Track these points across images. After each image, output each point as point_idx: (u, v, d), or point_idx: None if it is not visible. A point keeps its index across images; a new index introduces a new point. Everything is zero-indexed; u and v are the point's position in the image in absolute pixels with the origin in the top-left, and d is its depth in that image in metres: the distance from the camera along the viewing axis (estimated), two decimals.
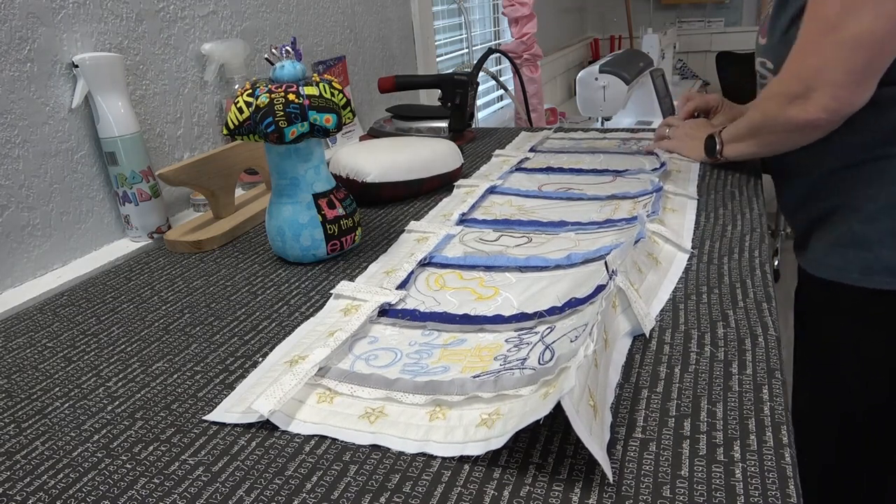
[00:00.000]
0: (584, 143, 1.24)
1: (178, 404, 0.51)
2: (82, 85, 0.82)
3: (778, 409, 0.45)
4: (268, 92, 0.67)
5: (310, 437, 0.46)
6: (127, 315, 0.68)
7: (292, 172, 0.73)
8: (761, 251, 0.70)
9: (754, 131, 0.87)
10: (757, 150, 0.89)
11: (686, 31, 3.65)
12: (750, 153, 0.91)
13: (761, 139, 0.87)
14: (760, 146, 0.88)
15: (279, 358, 0.56)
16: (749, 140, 0.90)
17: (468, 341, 0.57)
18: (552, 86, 2.92)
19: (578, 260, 0.70)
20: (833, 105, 0.74)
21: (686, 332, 0.55)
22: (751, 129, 0.88)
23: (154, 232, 0.89)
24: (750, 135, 0.89)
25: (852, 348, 0.87)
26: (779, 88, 0.80)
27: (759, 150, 0.89)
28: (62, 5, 0.80)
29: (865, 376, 0.87)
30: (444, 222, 0.85)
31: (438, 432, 0.45)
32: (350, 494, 0.40)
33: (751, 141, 0.89)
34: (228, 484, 0.42)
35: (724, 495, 0.38)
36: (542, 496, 0.39)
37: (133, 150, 0.85)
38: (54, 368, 0.58)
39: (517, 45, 2.10)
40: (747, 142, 0.90)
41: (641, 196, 0.89)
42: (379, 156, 0.95)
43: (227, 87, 1.07)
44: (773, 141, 0.85)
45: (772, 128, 0.83)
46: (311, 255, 0.75)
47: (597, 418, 0.41)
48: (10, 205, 0.76)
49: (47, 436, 0.49)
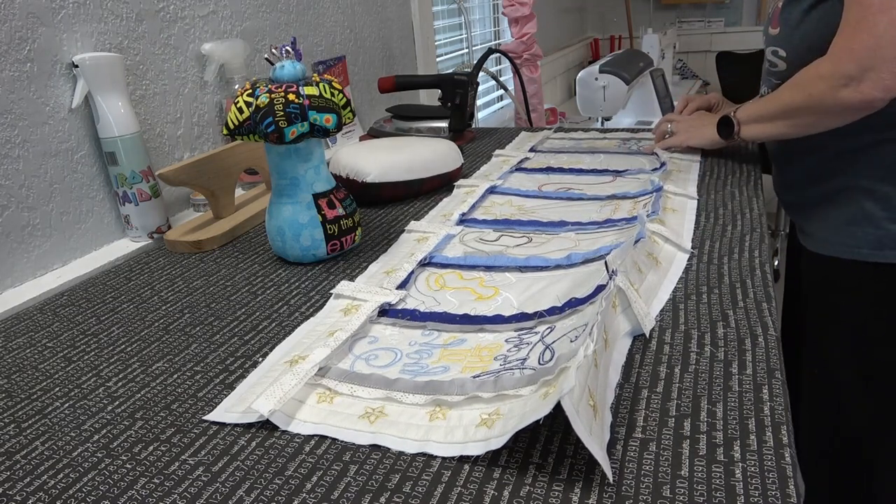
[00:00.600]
0: (584, 143, 1.24)
1: (178, 404, 0.51)
2: (82, 85, 0.82)
3: (778, 409, 0.45)
4: (268, 92, 0.67)
5: (310, 437, 0.46)
6: (127, 315, 0.68)
7: (292, 172, 0.73)
8: (761, 251, 0.70)
9: (790, 113, 0.86)
10: (787, 132, 0.88)
11: (686, 31, 3.65)
12: (777, 134, 0.90)
13: (798, 120, 0.86)
14: (793, 127, 0.87)
15: (279, 358, 0.56)
16: (780, 121, 0.88)
17: (468, 341, 0.57)
18: (552, 86, 2.92)
19: (578, 260, 0.70)
20: (890, 83, 0.74)
21: (686, 332, 0.55)
22: (785, 111, 0.87)
23: (154, 232, 0.89)
24: (782, 116, 0.88)
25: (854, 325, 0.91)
26: (830, 70, 0.79)
27: (790, 131, 0.88)
28: (62, 5, 0.80)
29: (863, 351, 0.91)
30: (444, 222, 0.85)
31: (438, 432, 0.45)
32: (350, 494, 0.40)
33: (782, 122, 0.88)
34: (228, 484, 0.42)
35: (724, 495, 0.38)
36: (542, 496, 0.39)
37: (133, 150, 0.85)
38: (54, 368, 0.58)
39: (517, 45, 2.10)
40: (776, 123, 0.89)
41: (641, 196, 0.89)
42: (379, 156, 0.95)
43: (227, 87, 1.07)
44: (812, 122, 0.85)
45: (816, 109, 0.82)
46: (311, 255, 0.75)
47: (597, 418, 0.41)
48: (10, 205, 0.76)
49: (47, 436, 0.49)
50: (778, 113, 0.89)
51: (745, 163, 1.01)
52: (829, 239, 0.90)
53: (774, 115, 0.89)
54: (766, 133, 0.92)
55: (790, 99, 0.86)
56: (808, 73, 0.82)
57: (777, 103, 0.88)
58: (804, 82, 0.83)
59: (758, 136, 0.94)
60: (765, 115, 0.91)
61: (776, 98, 0.88)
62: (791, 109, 0.86)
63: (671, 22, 3.65)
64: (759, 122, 0.92)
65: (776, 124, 0.90)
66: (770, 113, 0.90)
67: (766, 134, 0.92)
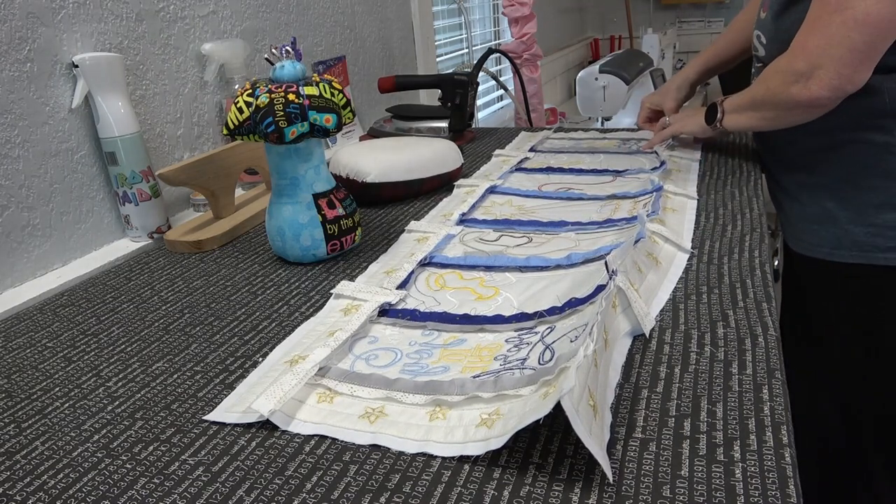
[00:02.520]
0: (584, 143, 1.24)
1: (178, 404, 0.51)
2: (82, 85, 0.82)
3: (778, 409, 0.45)
4: (268, 92, 0.67)
5: (310, 437, 0.46)
6: (127, 315, 0.68)
7: (292, 172, 0.73)
8: (761, 251, 0.70)
9: (756, 105, 0.88)
10: (756, 124, 0.90)
11: (686, 31, 3.64)
12: (749, 126, 0.92)
13: (762, 114, 0.88)
14: (760, 120, 0.89)
15: (279, 358, 0.56)
16: (750, 113, 0.90)
17: (468, 341, 0.57)
18: (552, 86, 2.92)
19: (578, 260, 0.70)
20: (836, 83, 0.76)
21: (686, 332, 0.55)
22: (753, 103, 0.89)
23: (154, 232, 0.89)
24: (752, 108, 0.90)
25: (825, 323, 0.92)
26: (785, 65, 0.81)
27: (759, 123, 0.90)
28: (62, 5, 0.80)
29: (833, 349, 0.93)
30: (445, 222, 0.85)
31: (438, 432, 0.45)
32: (350, 494, 0.40)
33: (751, 114, 0.90)
34: (228, 484, 0.42)
35: (724, 495, 0.38)
36: (542, 496, 0.39)
37: (133, 150, 0.85)
38: (54, 368, 0.58)
39: (517, 45, 2.09)
40: (748, 114, 0.91)
41: (641, 196, 0.89)
42: (379, 156, 0.95)
43: (227, 87, 1.07)
44: (773, 116, 0.86)
45: (774, 104, 0.84)
46: (311, 255, 0.75)
47: (597, 418, 0.41)
48: (10, 205, 0.76)
49: (47, 436, 0.49)
50: (748, 104, 0.90)
51: (745, 163, 1.01)
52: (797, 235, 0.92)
53: (746, 106, 0.91)
54: (741, 124, 0.93)
55: (756, 91, 0.88)
56: (771, 67, 0.84)
57: (748, 95, 0.91)
58: (767, 75, 0.85)
59: (736, 125, 0.95)
60: (740, 105, 0.93)
61: (749, 90, 0.91)
62: (756, 102, 0.88)
63: (671, 22, 3.65)
64: (737, 111, 0.94)
65: (748, 115, 0.91)
66: (744, 104, 0.92)
67: (741, 124, 0.93)
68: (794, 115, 0.83)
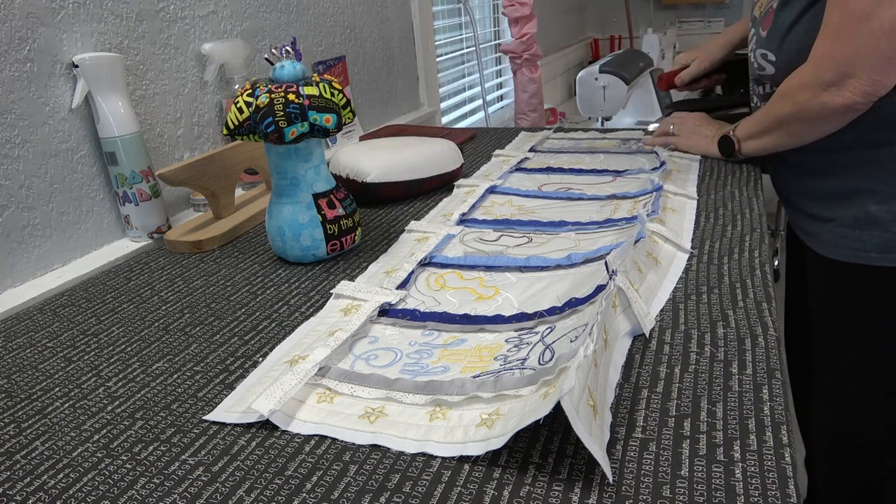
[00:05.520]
0: (584, 143, 1.24)
1: (178, 404, 0.51)
2: (82, 85, 0.82)
3: (778, 409, 0.45)
4: (268, 92, 0.67)
5: (310, 437, 0.46)
6: (127, 315, 0.68)
7: (292, 172, 0.73)
8: (761, 251, 0.70)
9: (782, 123, 0.88)
10: (783, 142, 0.90)
11: (686, 31, 3.65)
12: (775, 146, 0.92)
13: (790, 129, 0.87)
14: (788, 136, 0.88)
15: (279, 358, 0.56)
16: (775, 132, 0.90)
17: (468, 341, 0.57)
18: (552, 86, 2.92)
19: (578, 260, 0.70)
20: (869, 89, 0.76)
21: (686, 332, 0.55)
22: (777, 122, 0.88)
23: (154, 232, 0.89)
24: (776, 127, 0.89)
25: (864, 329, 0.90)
26: (811, 78, 0.80)
27: (786, 141, 0.89)
28: (62, 5, 0.80)
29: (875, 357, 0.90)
30: (445, 222, 0.85)
31: (438, 432, 0.45)
32: (350, 494, 0.40)
33: (777, 133, 0.90)
34: (228, 484, 0.42)
35: (724, 495, 0.38)
36: (542, 496, 0.39)
37: (133, 150, 0.85)
38: (54, 368, 0.58)
39: (517, 45, 2.10)
40: (772, 135, 0.91)
41: (641, 196, 0.89)
42: (379, 156, 0.95)
43: (227, 87, 1.07)
44: (803, 131, 0.86)
45: (805, 116, 0.84)
46: (311, 255, 0.75)
47: (597, 418, 0.41)
48: (10, 205, 0.76)
49: (47, 436, 0.49)
50: (772, 125, 0.90)
51: (745, 163, 1.01)
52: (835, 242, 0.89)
53: (769, 128, 0.91)
54: (765, 146, 0.93)
55: (780, 110, 0.87)
56: (792, 83, 0.84)
57: (769, 116, 0.90)
58: (790, 92, 0.84)
59: (758, 150, 0.95)
60: (760, 129, 0.93)
61: (767, 111, 0.90)
62: (782, 120, 0.88)
63: (671, 22, 3.65)
64: (757, 137, 0.94)
65: (772, 136, 0.91)
66: (765, 127, 0.92)
67: (765, 147, 0.94)
68: (828, 125, 0.83)
